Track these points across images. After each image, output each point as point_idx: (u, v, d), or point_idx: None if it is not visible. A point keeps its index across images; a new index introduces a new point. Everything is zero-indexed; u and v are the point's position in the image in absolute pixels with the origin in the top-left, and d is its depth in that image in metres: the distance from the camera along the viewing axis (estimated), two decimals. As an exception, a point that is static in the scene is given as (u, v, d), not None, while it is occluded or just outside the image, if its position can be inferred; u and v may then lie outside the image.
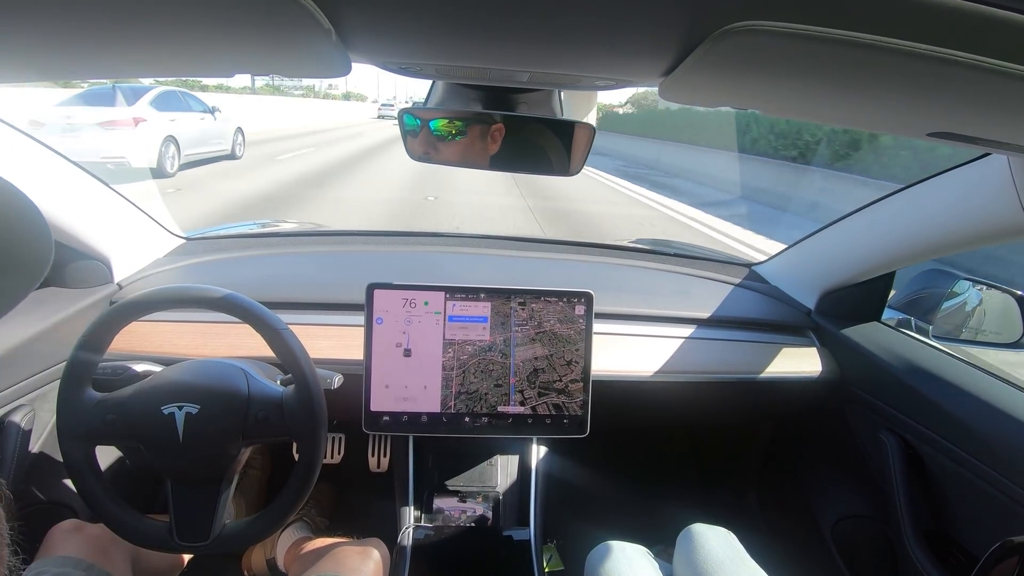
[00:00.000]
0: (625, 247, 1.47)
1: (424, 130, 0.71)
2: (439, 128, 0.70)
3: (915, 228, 0.94)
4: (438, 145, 0.72)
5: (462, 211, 6.42)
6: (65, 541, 0.74)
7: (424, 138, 0.71)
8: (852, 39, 0.30)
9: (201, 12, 0.34)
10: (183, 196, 6.34)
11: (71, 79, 0.81)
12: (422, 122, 0.71)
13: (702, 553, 0.83)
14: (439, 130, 0.70)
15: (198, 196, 6.47)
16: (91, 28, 0.36)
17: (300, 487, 0.74)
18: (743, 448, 1.49)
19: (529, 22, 0.35)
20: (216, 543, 0.73)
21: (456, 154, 0.72)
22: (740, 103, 0.52)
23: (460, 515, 1.06)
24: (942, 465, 0.93)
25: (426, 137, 0.71)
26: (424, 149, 0.72)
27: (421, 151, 0.73)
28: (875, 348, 1.07)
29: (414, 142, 0.72)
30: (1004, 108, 0.41)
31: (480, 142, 0.71)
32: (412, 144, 0.72)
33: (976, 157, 0.79)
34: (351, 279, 1.06)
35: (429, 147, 0.72)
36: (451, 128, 0.70)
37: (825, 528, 1.19)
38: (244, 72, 0.52)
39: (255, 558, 1.21)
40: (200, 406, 0.70)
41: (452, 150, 0.72)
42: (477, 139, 0.71)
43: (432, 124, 0.70)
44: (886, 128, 0.59)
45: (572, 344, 0.96)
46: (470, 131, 0.70)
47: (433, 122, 0.70)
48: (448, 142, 0.71)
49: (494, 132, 0.70)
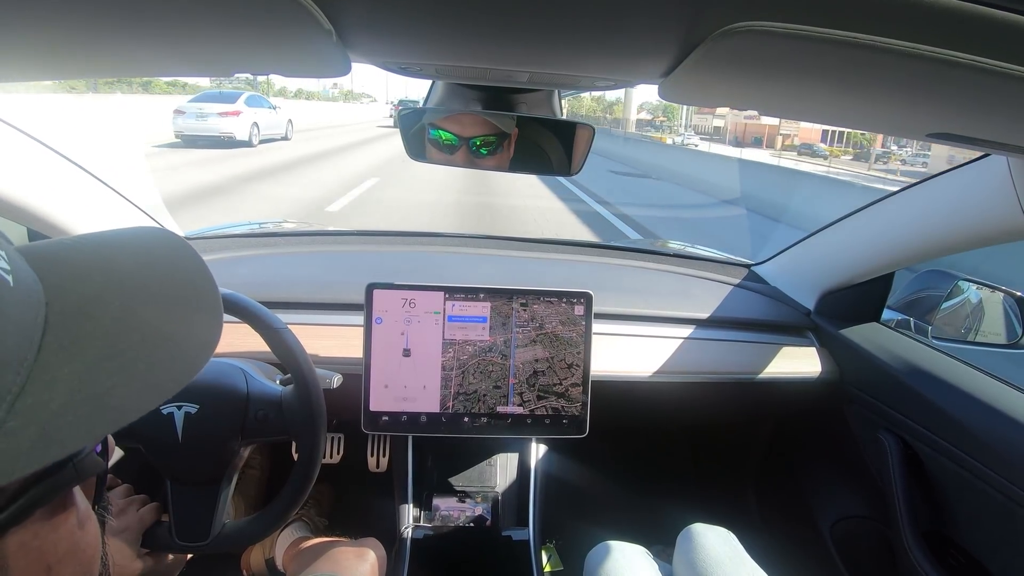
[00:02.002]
0: (625, 247, 1.47)
1: (463, 150, 0.71)
2: (478, 145, 0.71)
3: (914, 229, 0.94)
4: (472, 163, 0.73)
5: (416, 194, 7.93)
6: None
7: (463, 157, 0.72)
8: (852, 39, 0.30)
9: (201, 12, 0.34)
10: (265, 154, 11.33)
11: (71, 78, 0.81)
12: (460, 141, 0.71)
13: (701, 553, 0.83)
14: (477, 148, 0.71)
15: (274, 155, 11.32)
16: (91, 28, 0.36)
17: (299, 487, 0.74)
18: (742, 448, 1.49)
19: (529, 22, 0.35)
20: (215, 543, 0.73)
21: (470, 165, 0.73)
22: (740, 103, 0.53)
23: (459, 515, 1.06)
24: (941, 465, 0.93)
25: (465, 156, 0.72)
26: (459, 160, 0.73)
27: (432, 156, 0.73)
28: (874, 349, 1.07)
29: (439, 155, 0.72)
30: (1004, 109, 0.41)
31: (504, 153, 0.71)
32: (427, 148, 0.72)
33: (976, 158, 0.79)
34: (350, 279, 1.06)
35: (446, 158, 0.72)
36: (477, 143, 0.71)
37: (824, 528, 1.19)
38: (244, 72, 0.52)
39: (254, 558, 1.20)
40: (199, 406, 0.70)
41: (468, 162, 0.72)
42: (505, 150, 0.71)
43: (472, 143, 0.71)
44: (886, 128, 0.59)
45: (573, 347, 0.96)
46: (500, 143, 0.70)
47: (472, 140, 0.71)
48: (484, 159, 0.72)
49: (511, 138, 0.71)
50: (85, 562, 0.29)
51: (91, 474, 0.28)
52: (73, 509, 0.28)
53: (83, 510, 0.29)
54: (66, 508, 0.28)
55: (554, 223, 6.59)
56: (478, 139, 0.70)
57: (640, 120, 28.02)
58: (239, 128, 11.54)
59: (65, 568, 0.28)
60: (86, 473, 0.28)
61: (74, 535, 0.28)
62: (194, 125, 11.34)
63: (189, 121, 11.38)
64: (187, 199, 6.36)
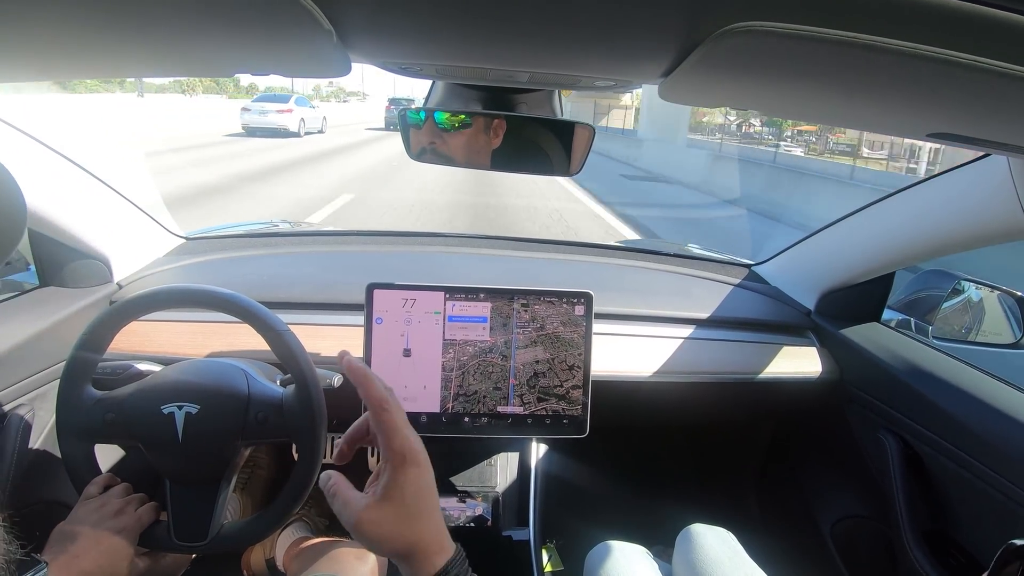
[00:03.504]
0: (625, 247, 1.47)
1: (428, 122, 0.71)
2: (444, 120, 0.71)
3: (915, 229, 0.94)
4: (441, 139, 0.72)
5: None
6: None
7: (428, 130, 0.72)
8: (852, 39, 0.30)
9: (201, 12, 0.34)
10: (310, 143, 14.31)
11: (71, 79, 0.81)
12: (426, 115, 0.71)
13: (701, 553, 0.83)
14: (444, 122, 0.71)
15: (313, 144, 13.90)
16: (91, 28, 0.36)
17: (299, 487, 0.74)
18: (743, 448, 1.49)
19: (529, 22, 0.35)
20: (214, 543, 0.72)
21: (458, 151, 0.73)
22: (740, 103, 0.52)
23: (459, 515, 1.06)
24: (942, 465, 0.93)
25: (430, 129, 0.72)
26: (426, 143, 0.73)
27: (422, 146, 0.73)
28: (875, 348, 1.07)
29: (416, 136, 0.72)
30: (1004, 109, 0.41)
31: (483, 135, 0.71)
32: (415, 137, 0.72)
33: (976, 157, 0.79)
34: (351, 279, 1.06)
35: (432, 140, 0.72)
36: (454, 121, 0.71)
37: (824, 528, 1.19)
38: (244, 72, 0.52)
39: (254, 558, 1.20)
40: (200, 406, 0.70)
41: (454, 145, 0.72)
42: (481, 132, 0.71)
43: (437, 116, 0.71)
44: (886, 128, 0.59)
45: (574, 348, 0.95)
46: (474, 122, 0.71)
47: (437, 114, 0.71)
48: (452, 133, 0.72)
49: (496, 127, 0.70)
50: None
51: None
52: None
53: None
54: None
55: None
56: (445, 115, 0.72)
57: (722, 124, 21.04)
58: (291, 122, 14.97)
59: None
60: None
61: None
62: (257, 119, 14.70)
63: (253, 116, 14.83)
64: (186, 199, 6.39)
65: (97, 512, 0.69)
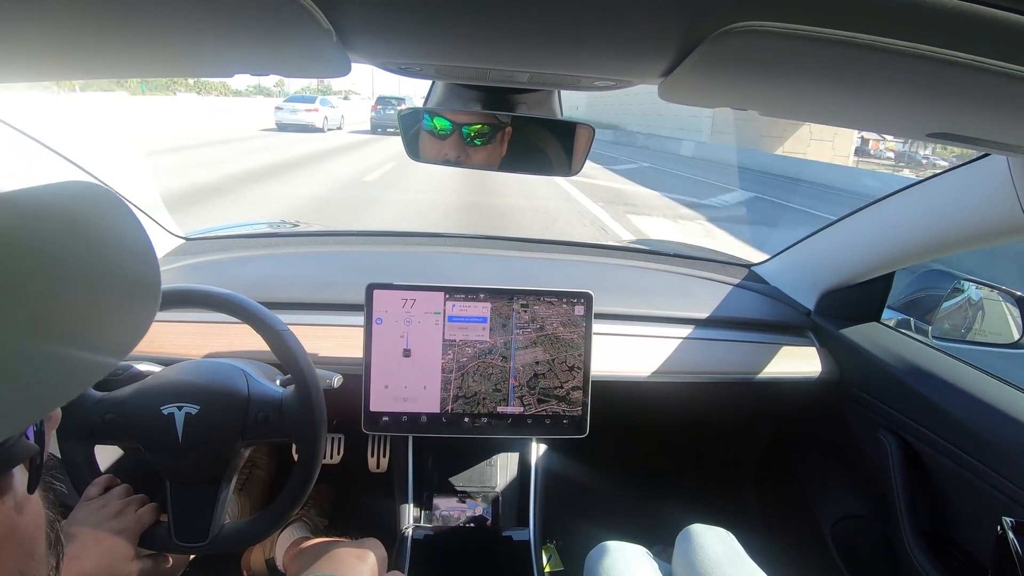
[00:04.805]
0: (625, 247, 1.47)
1: (455, 136, 0.71)
2: (468, 134, 0.70)
3: (915, 228, 0.94)
4: (465, 153, 0.72)
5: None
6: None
7: (454, 144, 0.71)
8: (852, 39, 0.30)
9: (201, 12, 0.34)
10: (328, 139, 15.38)
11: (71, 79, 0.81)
12: (452, 127, 0.71)
13: (701, 553, 0.83)
14: (469, 138, 0.71)
15: (331, 140, 14.94)
16: (91, 28, 0.36)
17: (299, 488, 0.74)
18: (742, 448, 1.49)
19: (529, 22, 0.35)
20: (214, 543, 0.73)
21: (462, 155, 0.72)
22: (740, 103, 0.52)
23: (459, 515, 1.06)
24: (942, 465, 0.93)
25: (456, 143, 0.71)
26: (452, 156, 0.72)
27: (445, 156, 0.73)
28: (874, 348, 1.07)
29: (436, 147, 0.72)
30: (1004, 109, 0.41)
31: (500, 147, 0.71)
32: (434, 147, 0.72)
33: (976, 157, 0.79)
34: (351, 279, 1.06)
35: (458, 155, 0.72)
36: (482, 136, 0.70)
37: (824, 528, 1.19)
38: (244, 72, 0.52)
39: (254, 558, 1.20)
40: (200, 406, 0.70)
41: (476, 158, 0.72)
42: (499, 144, 0.71)
43: (463, 130, 0.70)
44: (886, 128, 0.60)
45: (574, 349, 0.95)
46: (495, 135, 0.70)
47: (464, 128, 0.70)
48: (476, 148, 0.71)
49: (503, 135, 0.71)
50: (26, 544, 0.30)
51: (22, 459, 0.28)
52: (10, 493, 0.28)
53: (20, 494, 0.29)
54: (2, 493, 0.28)
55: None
56: (472, 128, 0.70)
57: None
58: (317, 119, 17.20)
59: (4, 552, 0.28)
60: (16, 459, 0.28)
61: (12, 519, 0.28)
62: (289, 117, 17.02)
63: (285, 114, 17.14)
64: (185, 199, 6.40)
65: (97, 513, 0.69)
